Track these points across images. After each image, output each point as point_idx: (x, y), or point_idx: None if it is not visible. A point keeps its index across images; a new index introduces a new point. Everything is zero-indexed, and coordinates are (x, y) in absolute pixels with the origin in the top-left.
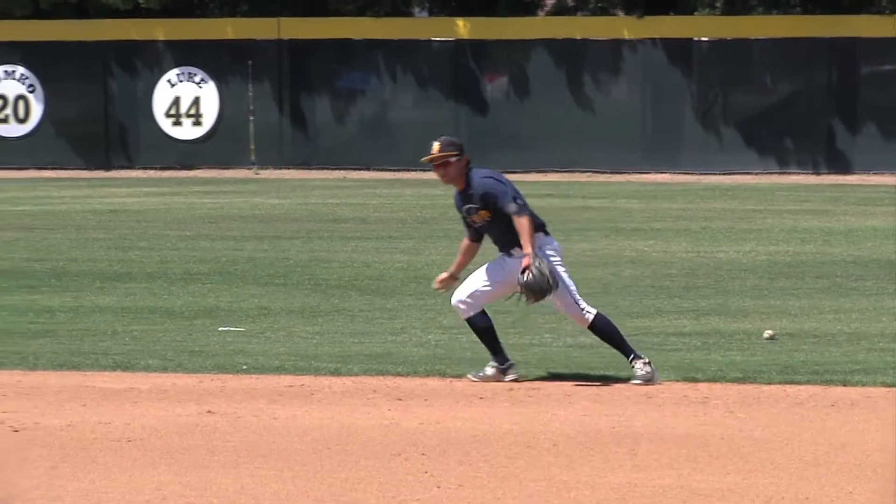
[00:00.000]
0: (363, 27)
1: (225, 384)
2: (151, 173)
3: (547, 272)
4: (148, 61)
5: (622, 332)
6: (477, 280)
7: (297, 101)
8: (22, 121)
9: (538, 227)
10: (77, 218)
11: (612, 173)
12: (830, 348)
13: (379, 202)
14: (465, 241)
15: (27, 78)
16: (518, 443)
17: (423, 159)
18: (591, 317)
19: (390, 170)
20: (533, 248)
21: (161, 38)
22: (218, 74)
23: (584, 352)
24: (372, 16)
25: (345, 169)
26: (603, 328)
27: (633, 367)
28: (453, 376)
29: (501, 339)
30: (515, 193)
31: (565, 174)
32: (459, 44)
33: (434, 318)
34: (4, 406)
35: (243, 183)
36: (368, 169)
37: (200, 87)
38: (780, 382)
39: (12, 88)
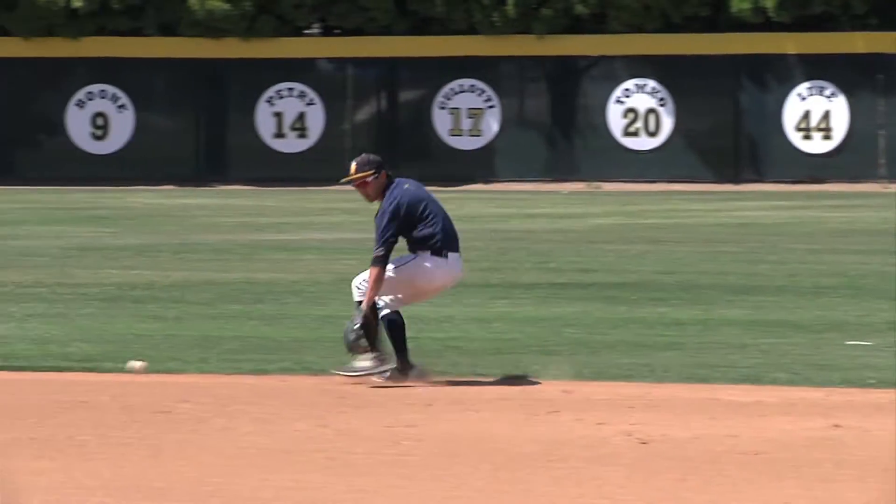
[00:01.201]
0: None
1: (852, 398)
2: (781, 187)
3: (353, 334)
4: (778, 75)
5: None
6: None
7: None
8: (652, 134)
9: (439, 246)
10: (706, 231)
11: None
12: None
13: None
14: None
15: (658, 91)
16: None
17: (341, 181)
18: (385, 312)
19: None
20: (367, 304)
21: (791, 51)
22: (847, 88)
23: None
24: None
25: None
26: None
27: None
28: None
29: (380, 341)
30: (391, 233)
31: None
32: None
33: None
34: (633, 418)
35: (873, 197)
36: None
37: (830, 101)
38: None
39: (643, 102)
